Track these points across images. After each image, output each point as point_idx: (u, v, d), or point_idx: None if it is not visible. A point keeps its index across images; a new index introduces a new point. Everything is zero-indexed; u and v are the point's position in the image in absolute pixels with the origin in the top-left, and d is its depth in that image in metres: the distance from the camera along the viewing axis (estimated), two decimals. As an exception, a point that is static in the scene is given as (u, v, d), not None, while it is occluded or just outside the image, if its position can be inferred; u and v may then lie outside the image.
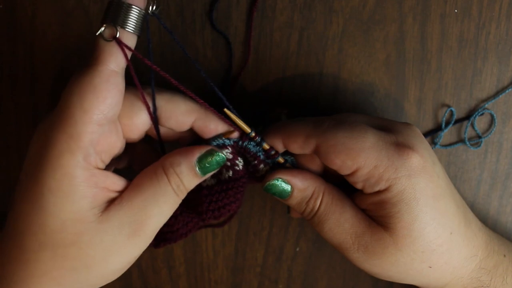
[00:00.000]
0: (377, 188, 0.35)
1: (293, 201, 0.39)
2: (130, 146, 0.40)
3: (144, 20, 0.34)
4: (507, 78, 0.44)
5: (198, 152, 0.36)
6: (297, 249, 0.48)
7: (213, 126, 0.37)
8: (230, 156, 0.38)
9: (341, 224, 0.37)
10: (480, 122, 0.45)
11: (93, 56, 0.33)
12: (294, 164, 0.40)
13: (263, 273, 0.49)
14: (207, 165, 0.36)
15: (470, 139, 0.45)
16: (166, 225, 0.38)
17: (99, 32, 0.32)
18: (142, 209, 0.34)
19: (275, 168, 0.40)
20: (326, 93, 0.45)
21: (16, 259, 0.33)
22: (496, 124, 0.45)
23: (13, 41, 0.45)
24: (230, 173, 0.38)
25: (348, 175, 0.36)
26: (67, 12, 0.44)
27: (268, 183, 0.38)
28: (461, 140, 0.45)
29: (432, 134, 0.45)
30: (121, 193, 0.35)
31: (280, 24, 0.44)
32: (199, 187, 0.38)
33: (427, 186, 0.35)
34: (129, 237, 0.33)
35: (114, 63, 0.32)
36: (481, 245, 0.38)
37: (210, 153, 0.36)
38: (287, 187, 0.38)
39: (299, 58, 0.44)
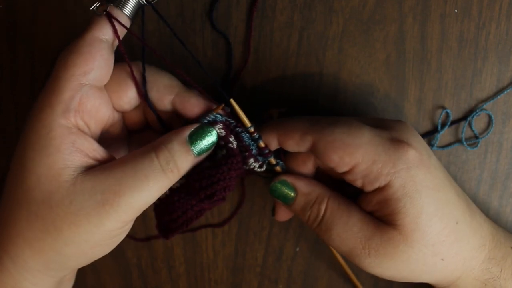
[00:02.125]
0: (377, 184, 0.35)
1: (297, 206, 0.39)
2: (133, 137, 0.40)
3: (138, 8, 0.36)
4: (507, 78, 0.44)
5: (189, 129, 0.36)
6: (297, 249, 0.48)
7: (193, 101, 0.37)
8: (223, 133, 0.37)
9: (349, 228, 0.37)
10: (480, 122, 0.45)
11: (85, 28, 0.35)
12: (283, 169, 0.41)
13: (263, 273, 0.49)
14: (199, 141, 0.35)
15: (468, 139, 0.45)
16: (167, 213, 0.38)
17: (92, 7, 0.35)
18: (118, 180, 0.33)
19: (266, 170, 0.40)
20: (326, 93, 0.45)
21: None
22: (493, 125, 0.45)
23: (13, 41, 0.45)
24: (224, 151, 0.37)
25: (346, 172, 0.36)
26: (67, 12, 0.44)
27: (273, 184, 0.39)
28: (459, 141, 0.45)
29: (429, 135, 0.45)
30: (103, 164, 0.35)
31: (280, 24, 0.44)
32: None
33: (426, 177, 0.35)
34: (99, 204, 0.32)
35: (99, 32, 0.35)
36: (488, 235, 0.38)
37: (201, 128, 0.36)
38: (291, 191, 0.39)
39: (299, 58, 0.44)
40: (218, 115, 0.37)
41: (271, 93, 0.45)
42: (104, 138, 0.38)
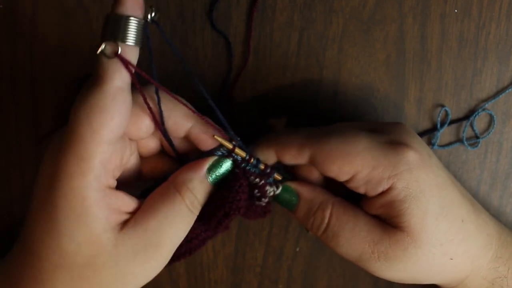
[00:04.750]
0: (380, 189, 0.35)
1: (300, 212, 0.38)
2: (147, 161, 0.39)
3: (144, 29, 0.33)
4: (507, 78, 0.44)
5: (207, 163, 0.36)
6: (297, 249, 0.48)
7: (210, 134, 0.37)
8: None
9: (357, 233, 0.36)
10: (480, 122, 0.45)
11: (97, 74, 0.32)
12: (290, 177, 0.40)
13: (263, 273, 0.49)
14: (217, 174, 0.36)
15: (468, 139, 0.45)
16: None
17: (100, 50, 0.31)
18: (156, 232, 0.33)
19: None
20: (326, 93, 0.45)
21: (32, 279, 0.33)
22: (495, 125, 0.45)
23: (13, 41, 0.45)
24: (229, 176, 0.37)
25: (348, 181, 0.36)
26: (67, 12, 0.44)
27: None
28: (459, 140, 0.45)
29: (428, 134, 0.45)
30: (134, 214, 0.34)
31: (280, 24, 0.44)
32: None
33: (429, 177, 0.35)
34: (144, 262, 0.33)
35: (119, 80, 0.31)
36: (494, 233, 0.38)
37: (218, 162, 0.36)
38: (294, 196, 0.38)
39: (299, 58, 0.44)
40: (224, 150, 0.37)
41: (271, 93, 0.45)
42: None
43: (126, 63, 0.31)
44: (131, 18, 0.31)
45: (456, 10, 0.43)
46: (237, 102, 0.45)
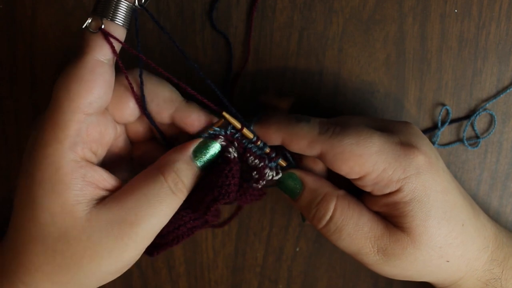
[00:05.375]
0: (387, 191, 0.35)
1: (303, 201, 0.38)
2: (136, 148, 0.39)
3: (133, 13, 0.34)
4: (507, 78, 0.44)
5: (192, 146, 0.35)
6: (297, 249, 0.48)
7: (194, 116, 0.36)
8: (224, 144, 0.37)
9: (360, 228, 0.36)
10: (480, 122, 0.45)
11: (80, 47, 0.33)
12: (293, 166, 0.40)
13: (263, 273, 0.49)
14: (203, 155, 0.36)
15: (469, 139, 0.45)
16: None
17: (85, 24, 0.33)
18: (133, 209, 0.33)
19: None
20: (326, 93, 0.45)
21: (11, 251, 0.33)
22: (496, 125, 0.45)
23: (13, 41, 0.45)
24: (219, 160, 0.37)
25: (356, 179, 0.36)
26: (67, 12, 0.44)
27: (281, 176, 0.38)
28: (460, 140, 0.45)
29: (429, 132, 0.45)
30: (113, 192, 0.34)
31: (280, 24, 0.44)
32: None
33: (435, 181, 0.35)
34: (117, 238, 0.33)
35: (100, 54, 0.33)
36: (491, 236, 0.38)
37: (204, 143, 0.36)
38: (298, 184, 0.38)
39: (299, 58, 0.44)
40: (217, 129, 0.36)
41: (271, 93, 0.45)
42: (107, 154, 0.37)
43: (108, 38, 0.33)
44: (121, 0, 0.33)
45: (456, 10, 0.43)
46: (237, 101, 0.45)
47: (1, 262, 0.34)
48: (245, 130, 0.36)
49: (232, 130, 0.37)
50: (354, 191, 0.38)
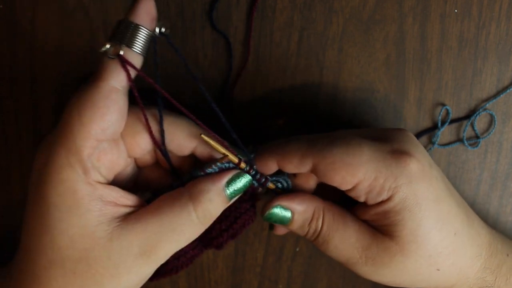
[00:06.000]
0: (379, 199, 0.35)
1: (295, 225, 0.38)
2: (141, 170, 0.39)
3: (151, 41, 0.34)
4: (507, 78, 0.44)
5: (226, 177, 0.35)
6: (297, 249, 0.48)
7: (216, 153, 0.36)
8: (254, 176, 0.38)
9: (346, 239, 0.37)
10: (480, 122, 0.45)
11: (96, 73, 0.32)
12: (286, 187, 0.40)
13: (263, 273, 0.49)
14: (235, 188, 0.36)
15: (468, 139, 0.45)
16: None
17: (103, 49, 0.32)
18: (156, 234, 0.33)
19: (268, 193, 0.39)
20: (326, 93, 0.45)
21: (28, 276, 0.33)
22: (496, 125, 0.45)
23: (13, 41, 0.45)
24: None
25: (349, 190, 0.36)
26: (67, 12, 0.44)
27: (267, 212, 0.38)
28: (460, 140, 0.45)
29: (429, 132, 0.45)
30: (137, 209, 0.34)
31: (280, 24, 0.44)
32: None
33: (428, 190, 0.35)
34: (137, 258, 0.33)
35: (115, 80, 0.32)
36: (485, 244, 0.38)
37: (237, 176, 0.36)
38: (287, 213, 0.38)
39: (299, 58, 0.44)
40: (230, 164, 0.36)
41: (271, 93, 0.45)
42: (114, 178, 0.37)
43: (125, 65, 0.32)
44: (140, 27, 0.32)
45: (456, 10, 0.43)
46: (237, 102, 0.45)
47: (14, 287, 0.34)
48: (242, 164, 0.36)
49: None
50: (347, 202, 0.38)
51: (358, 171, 0.34)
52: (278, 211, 0.38)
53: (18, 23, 0.45)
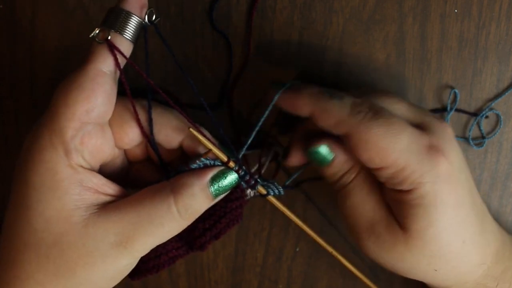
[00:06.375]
0: (399, 187, 0.35)
1: (331, 170, 0.38)
2: (132, 166, 0.39)
3: (141, 29, 0.34)
4: (507, 78, 0.44)
5: (211, 173, 0.35)
6: (297, 249, 0.48)
7: (203, 149, 0.36)
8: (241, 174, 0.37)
9: (364, 203, 0.37)
10: (482, 122, 0.45)
11: (84, 57, 0.33)
12: (277, 195, 0.39)
13: (263, 273, 0.49)
14: (220, 185, 0.35)
15: (473, 138, 0.45)
16: None
17: (92, 34, 0.33)
18: (133, 225, 0.32)
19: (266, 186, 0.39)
20: (326, 93, 0.45)
21: (4, 259, 0.33)
22: (501, 125, 0.45)
23: (13, 41, 0.45)
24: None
25: (373, 169, 0.35)
26: (67, 12, 0.44)
27: (312, 147, 0.37)
28: (465, 138, 0.45)
29: (437, 113, 0.44)
30: (118, 199, 0.34)
31: (280, 24, 0.44)
32: None
33: (449, 194, 0.34)
34: (113, 247, 0.32)
35: (102, 64, 0.33)
36: (492, 253, 0.38)
37: (223, 172, 0.35)
38: (330, 156, 0.37)
39: (299, 58, 0.44)
40: (216, 161, 0.36)
41: (271, 93, 0.45)
42: (102, 170, 0.37)
43: (113, 50, 0.33)
44: (130, 13, 0.33)
45: (456, 10, 0.43)
46: (237, 102, 0.45)
47: None
48: (231, 163, 0.35)
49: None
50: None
51: (389, 157, 0.34)
52: (324, 150, 0.37)
53: (18, 23, 0.45)
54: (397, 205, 0.35)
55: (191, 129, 0.34)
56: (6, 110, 0.46)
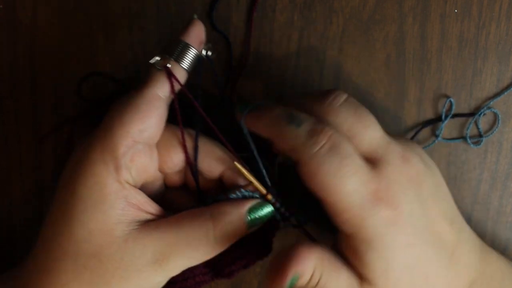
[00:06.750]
0: (342, 227, 0.33)
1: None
2: (167, 191, 0.40)
3: (196, 62, 0.37)
4: (507, 78, 0.44)
5: (249, 204, 0.36)
6: (297, 249, 0.48)
7: (242, 180, 0.37)
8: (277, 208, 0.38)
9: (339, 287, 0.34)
10: (481, 121, 0.45)
11: (142, 82, 0.35)
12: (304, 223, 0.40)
13: (263, 273, 0.49)
14: (256, 216, 0.36)
15: (470, 137, 0.45)
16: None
17: (152, 61, 0.35)
18: (171, 245, 0.33)
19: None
20: (326, 93, 0.45)
21: (41, 267, 0.33)
22: (499, 124, 0.45)
23: (13, 41, 0.45)
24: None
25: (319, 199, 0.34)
26: (67, 12, 0.44)
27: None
28: (462, 137, 0.45)
29: (432, 124, 0.45)
30: (157, 218, 0.35)
31: (280, 24, 0.44)
32: None
33: (396, 235, 0.33)
34: (149, 264, 0.33)
35: (159, 89, 0.34)
36: (465, 284, 0.37)
37: (260, 205, 0.36)
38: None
39: (299, 58, 0.44)
40: (252, 193, 0.37)
41: (271, 93, 0.45)
42: (142, 190, 0.37)
43: (170, 77, 0.35)
44: (189, 45, 0.36)
45: (456, 10, 0.43)
46: (237, 102, 0.45)
47: (27, 278, 0.34)
48: (269, 196, 0.37)
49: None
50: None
51: (332, 197, 0.32)
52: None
53: (18, 23, 0.45)
54: (352, 255, 0.34)
55: (235, 163, 0.36)
56: (6, 110, 0.46)
